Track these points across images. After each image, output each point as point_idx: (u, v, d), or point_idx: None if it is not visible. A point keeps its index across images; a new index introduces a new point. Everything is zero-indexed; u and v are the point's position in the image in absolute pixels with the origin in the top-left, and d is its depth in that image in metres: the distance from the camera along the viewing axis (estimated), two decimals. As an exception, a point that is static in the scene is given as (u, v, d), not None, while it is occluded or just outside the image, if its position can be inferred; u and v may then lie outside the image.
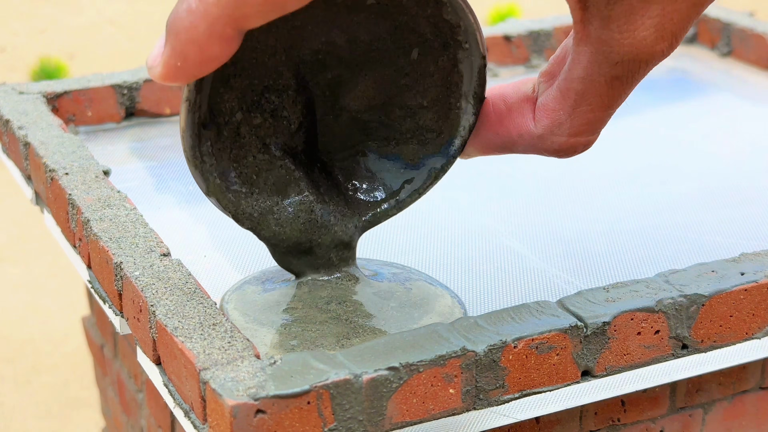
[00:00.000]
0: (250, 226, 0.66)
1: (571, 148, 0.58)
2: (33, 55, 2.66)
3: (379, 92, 0.67)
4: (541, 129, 0.58)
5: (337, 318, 0.67)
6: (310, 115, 0.67)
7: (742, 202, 0.89)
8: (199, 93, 0.59)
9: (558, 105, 0.56)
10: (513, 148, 0.60)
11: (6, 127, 0.91)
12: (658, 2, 0.51)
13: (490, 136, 0.61)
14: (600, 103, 0.55)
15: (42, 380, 1.51)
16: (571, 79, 0.55)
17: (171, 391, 0.61)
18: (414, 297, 0.69)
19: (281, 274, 0.72)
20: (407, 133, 0.67)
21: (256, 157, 0.65)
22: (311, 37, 0.64)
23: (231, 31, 0.50)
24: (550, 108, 0.57)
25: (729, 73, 1.18)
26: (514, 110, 0.59)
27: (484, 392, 0.60)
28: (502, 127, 0.60)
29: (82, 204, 0.75)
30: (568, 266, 0.78)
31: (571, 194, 0.90)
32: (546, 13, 1.73)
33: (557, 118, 0.57)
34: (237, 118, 0.64)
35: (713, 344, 0.67)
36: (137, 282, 0.65)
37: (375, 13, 0.63)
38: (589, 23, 0.53)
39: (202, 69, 0.51)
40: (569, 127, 0.57)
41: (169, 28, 0.51)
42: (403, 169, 0.68)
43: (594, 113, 0.56)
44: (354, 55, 0.65)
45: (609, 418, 0.72)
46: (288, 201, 0.67)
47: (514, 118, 0.59)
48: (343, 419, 0.56)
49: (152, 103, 1.01)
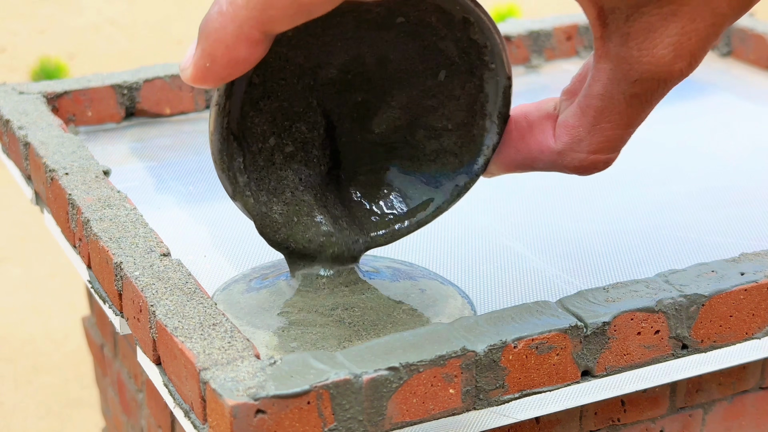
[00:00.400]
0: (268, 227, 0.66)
1: (591, 165, 0.58)
2: (33, 55, 2.66)
3: (405, 113, 0.67)
4: (561, 145, 0.58)
5: (340, 321, 0.68)
6: (334, 142, 0.68)
7: (742, 202, 0.89)
8: (228, 99, 0.60)
9: (578, 121, 0.57)
10: (534, 165, 0.61)
11: (6, 127, 0.91)
12: (677, 21, 0.51)
13: (512, 154, 0.62)
14: (619, 120, 0.56)
15: (42, 380, 1.51)
16: (591, 96, 0.55)
17: (171, 391, 0.61)
18: (427, 299, 0.69)
19: (272, 270, 0.72)
20: (431, 154, 0.67)
21: (291, 188, 0.66)
22: (340, 53, 0.64)
23: (258, 33, 0.51)
24: (570, 125, 0.57)
25: (729, 73, 1.18)
26: (536, 127, 0.60)
27: (484, 392, 0.61)
28: (524, 144, 0.60)
29: (82, 204, 0.75)
30: (568, 266, 0.78)
31: (571, 194, 0.90)
32: (546, 13, 1.73)
33: (577, 134, 0.57)
34: (270, 144, 0.65)
35: (713, 344, 0.68)
36: (137, 282, 0.65)
37: (404, 32, 0.63)
38: (609, 40, 0.53)
39: (230, 71, 0.52)
40: (589, 144, 0.57)
41: (201, 29, 0.52)
42: (426, 187, 0.69)
43: (614, 131, 0.56)
44: (382, 75, 0.65)
45: (609, 418, 0.72)
46: (304, 220, 0.67)
47: (535, 135, 0.60)
48: (343, 419, 0.56)
49: (152, 103, 1.01)
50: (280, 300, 0.70)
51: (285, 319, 0.68)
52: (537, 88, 1.13)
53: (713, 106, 1.12)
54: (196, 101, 1.03)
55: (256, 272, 0.73)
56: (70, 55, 2.74)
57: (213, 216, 0.86)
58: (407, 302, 0.69)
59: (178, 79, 1.02)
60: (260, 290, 0.71)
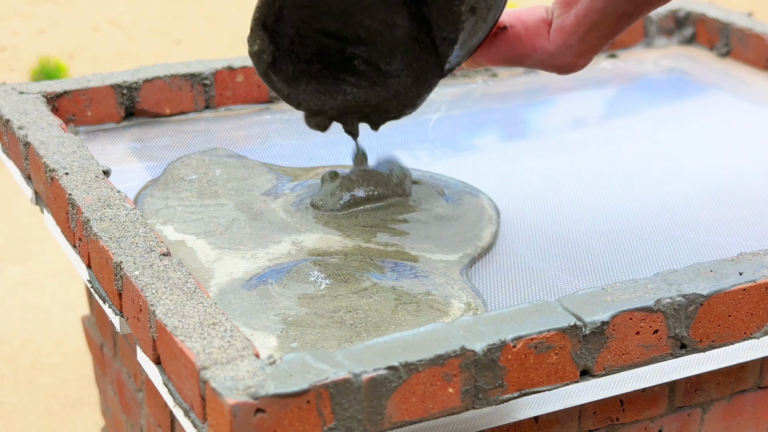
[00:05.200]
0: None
1: (572, 66, 0.71)
2: (33, 55, 2.66)
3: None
4: (554, 47, 0.70)
5: (340, 322, 0.68)
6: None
7: (741, 202, 0.89)
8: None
9: (573, 29, 0.69)
10: (524, 62, 0.72)
11: (6, 127, 0.91)
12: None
13: (505, 50, 0.73)
14: (605, 33, 0.68)
15: (42, 380, 1.51)
16: (591, 9, 0.67)
17: (171, 390, 0.62)
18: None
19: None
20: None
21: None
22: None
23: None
24: (566, 31, 0.69)
25: (727, 73, 1.18)
26: (531, 29, 0.71)
27: (483, 391, 0.61)
28: (519, 42, 0.72)
29: (82, 204, 0.75)
30: (568, 266, 0.79)
31: (571, 194, 0.90)
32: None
33: (570, 40, 0.69)
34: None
35: (712, 344, 0.68)
36: (137, 281, 0.65)
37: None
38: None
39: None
40: (577, 50, 0.70)
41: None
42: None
43: (598, 41, 0.69)
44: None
45: (608, 418, 0.72)
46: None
47: (531, 35, 0.72)
48: (343, 418, 0.57)
49: (152, 103, 1.01)
50: (279, 301, 0.70)
51: (284, 320, 0.68)
52: (536, 87, 1.13)
53: (712, 106, 1.12)
54: (196, 101, 1.03)
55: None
56: (70, 55, 2.74)
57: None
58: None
59: (178, 79, 1.02)
60: (258, 291, 0.71)
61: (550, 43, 0.70)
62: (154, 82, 1.01)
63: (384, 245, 0.77)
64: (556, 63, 0.71)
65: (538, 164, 0.97)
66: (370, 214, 0.80)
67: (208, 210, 0.82)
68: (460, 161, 0.97)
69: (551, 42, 0.70)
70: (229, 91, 1.04)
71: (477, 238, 0.79)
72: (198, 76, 1.03)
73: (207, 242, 0.78)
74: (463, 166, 0.94)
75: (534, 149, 1.01)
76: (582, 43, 0.69)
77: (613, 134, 1.05)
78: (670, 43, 1.25)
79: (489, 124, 1.06)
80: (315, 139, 0.94)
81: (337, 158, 0.95)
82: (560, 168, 0.96)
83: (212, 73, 1.03)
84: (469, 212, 0.83)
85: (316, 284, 0.71)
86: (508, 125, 1.06)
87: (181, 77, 1.02)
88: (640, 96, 1.14)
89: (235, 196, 0.84)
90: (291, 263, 0.73)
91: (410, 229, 0.79)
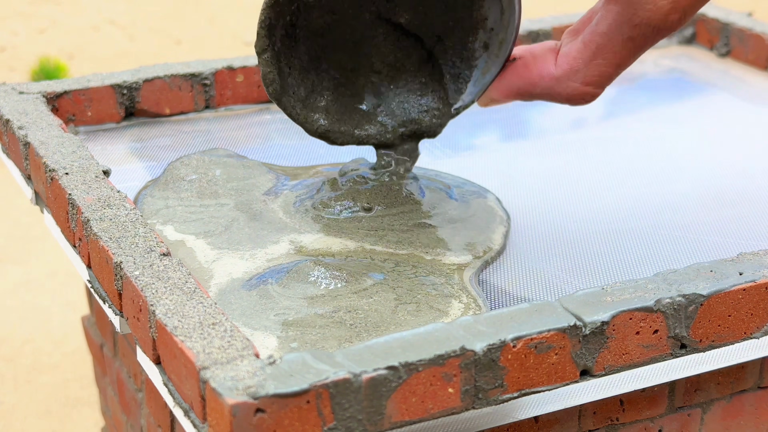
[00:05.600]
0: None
1: (581, 95, 0.69)
2: (33, 55, 2.66)
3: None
4: (560, 72, 0.69)
5: (340, 322, 0.68)
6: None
7: (741, 202, 0.89)
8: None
9: (579, 54, 0.68)
10: (533, 91, 0.71)
11: (6, 127, 0.91)
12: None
13: (514, 80, 0.72)
14: (613, 59, 0.67)
15: (42, 380, 1.51)
16: (595, 33, 0.66)
17: (171, 390, 0.62)
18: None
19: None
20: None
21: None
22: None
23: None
24: (572, 56, 0.68)
25: (727, 73, 1.18)
26: (539, 57, 0.71)
27: (483, 391, 0.61)
28: (527, 71, 0.71)
29: (82, 204, 0.75)
30: (568, 266, 0.79)
31: (570, 194, 0.91)
32: (545, 13, 1.73)
33: (576, 65, 0.68)
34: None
35: (712, 344, 0.68)
36: (137, 281, 0.65)
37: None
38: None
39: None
40: (584, 76, 0.68)
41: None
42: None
43: (606, 68, 0.67)
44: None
45: (608, 418, 0.72)
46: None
47: (538, 63, 0.70)
48: (343, 418, 0.57)
49: (152, 103, 1.02)
50: (279, 301, 0.70)
51: (284, 320, 0.68)
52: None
53: (712, 106, 1.12)
54: (196, 101, 1.03)
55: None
56: (70, 55, 2.74)
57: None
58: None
59: (178, 79, 1.02)
60: (258, 291, 0.71)
61: (557, 68, 0.69)
62: (154, 82, 1.01)
63: (394, 247, 0.77)
64: (563, 90, 0.69)
65: (538, 164, 0.97)
66: (375, 218, 0.80)
67: (208, 210, 0.82)
68: (460, 161, 0.97)
69: (557, 67, 0.69)
70: (229, 91, 1.04)
71: (489, 240, 0.79)
72: (198, 76, 1.03)
73: (206, 242, 0.78)
74: (464, 166, 0.94)
75: (534, 149, 1.01)
76: (588, 68, 0.68)
77: (613, 134, 1.05)
78: (670, 42, 1.25)
79: (489, 124, 1.06)
80: (315, 139, 0.94)
81: (337, 158, 0.95)
82: (560, 168, 0.96)
83: (212, 73, 1.03)
84: (480, 213, 0.83)
85: (316, 284, 0.71)
86: (508, 125, 1.06)
87: (181, 77, 1.02)
88: (640, 96, 1.14)
89: (235, 196, 0.84)
90: (291, 263, 0.74)
91: (419, 232, 0.78)
